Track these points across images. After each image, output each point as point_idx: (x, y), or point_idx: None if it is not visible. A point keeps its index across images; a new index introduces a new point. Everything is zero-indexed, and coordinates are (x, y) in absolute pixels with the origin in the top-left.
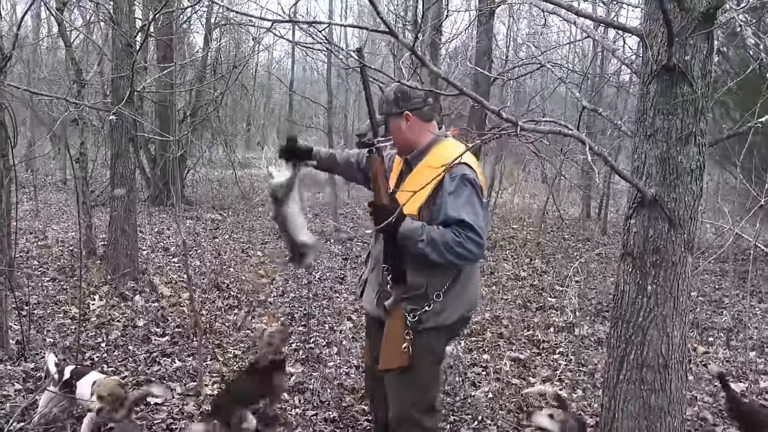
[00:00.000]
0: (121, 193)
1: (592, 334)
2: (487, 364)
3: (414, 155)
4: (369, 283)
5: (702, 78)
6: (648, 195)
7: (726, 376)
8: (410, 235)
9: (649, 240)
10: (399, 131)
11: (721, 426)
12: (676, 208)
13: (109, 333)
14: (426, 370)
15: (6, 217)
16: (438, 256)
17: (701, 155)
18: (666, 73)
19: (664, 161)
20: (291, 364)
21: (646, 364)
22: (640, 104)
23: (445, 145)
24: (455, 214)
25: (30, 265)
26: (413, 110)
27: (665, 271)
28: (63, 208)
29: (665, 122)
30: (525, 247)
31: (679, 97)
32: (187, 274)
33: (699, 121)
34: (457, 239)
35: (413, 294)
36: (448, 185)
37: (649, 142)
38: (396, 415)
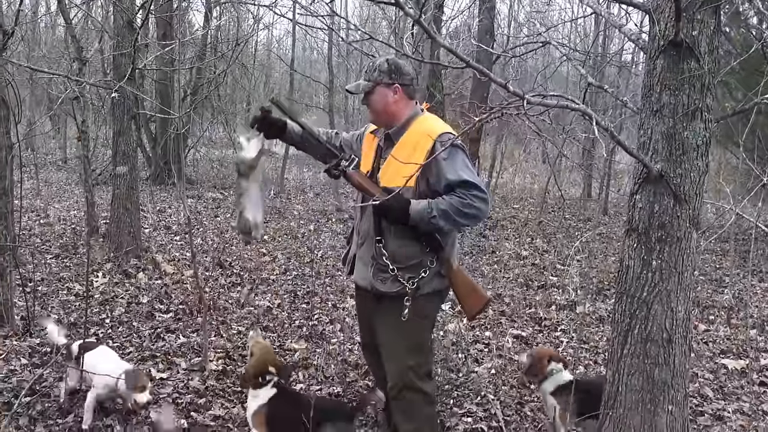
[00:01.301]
0: (124, 171)
1: (594, 311)
2: (489, 341)
3: (395, 130)
4: (359, 258)
5: (709, 53)
6: (654, 170)
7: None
8: (422, 216)
9: (655, 215)
10: (385, 101)
11: (722, 402)
12: (682, 183)
13: (113, 309)
14: (422, 334)
15: (9, 195)
16: (452, 224)
17: (707, 131)
18: (673, 49)
19: (670, 137)
20: (295, 341)
21: (650, 339)
22: (647, 80)
23: (424, 118)
24: (455, 176)
25: (33, 242)
26: (403, 85)
27: (670, 246)
28: (64, 187)
29: (672, 98)
30: (526, 226)
31: (686, 72)
32: (191, 251)
33: (705, 97)
34: (464, 201)
35: (410, 264)
36: (441, 153)
37: (655, 118)
38: (395, 383)
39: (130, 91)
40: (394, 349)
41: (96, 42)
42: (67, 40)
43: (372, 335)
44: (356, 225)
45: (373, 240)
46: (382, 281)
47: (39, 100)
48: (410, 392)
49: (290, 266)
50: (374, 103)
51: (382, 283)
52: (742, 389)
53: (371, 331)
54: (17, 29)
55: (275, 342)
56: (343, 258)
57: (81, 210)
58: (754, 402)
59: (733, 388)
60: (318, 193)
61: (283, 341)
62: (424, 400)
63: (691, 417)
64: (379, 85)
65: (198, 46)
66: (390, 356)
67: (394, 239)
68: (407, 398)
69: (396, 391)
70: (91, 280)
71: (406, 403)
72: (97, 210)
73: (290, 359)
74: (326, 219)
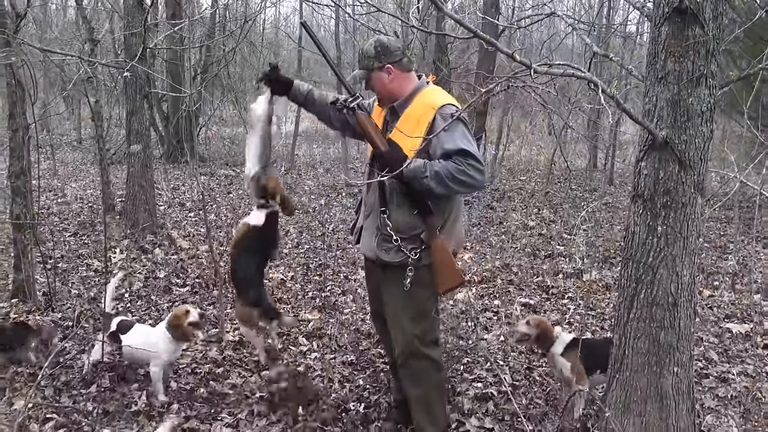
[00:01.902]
0: (138, 149)
1: (600, 279)
2: (498, 309)
3: (399, 103)
4: (366, 229)
5: (713, 20)
6: (659, 137)
7: None
8: (415, 174)
9: (660, 182)
10: (383, 84)
11: (726, 365)
12: (687, 149)
13: (131, 285)
14: (426, 303)
15: (27, 175)
16: (444, 188)
17: (712, 97)
18: (677, 16)
19: (675, 104)
20: (309, 312)
21: (656, 303)
22: (652, 47)
23: (428, 91)
24: (453, 146)
25: (51, 221)
26: (394, 63)
27: (675, 212)
28: (80, 167)
29: (676, 65)
30: (533, 197)
31: (691, 39)
32: (206, 226)
33: (710, 63)
34: (459, 167)
35: (412, 234)
36: (440, 124)
37: (660, 85)
38: (402, 350)
39: (142, 70)
40: (400, 317)
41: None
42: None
43: (380, 304)
44: (363, 197)
45: (378, 210)
46: (386, 251)
47: (53, 82)
48: (417, 359)
49: (302, 240)
50: (373, 87)
51: (386, 253)
52: (746, 352)
53: (380, 301)
54: (29, 11)
55: (289, 313)
56: (351, 228)
57: (97, 188)
58: (757, 364)
59: (737, 352)
60: (328, 169)
61: (297, 312)
62: (431, 367)
63: (696, 379)
64: (372, 71)
65: (207, 25)
66: (396, 325)
67: (397, 209)
68: (414, 365)
69: (403, 358)
70: (109, 256)
71: (413, 370)
72: (113, 188)
73: (305, 329)
74: (336, 194)
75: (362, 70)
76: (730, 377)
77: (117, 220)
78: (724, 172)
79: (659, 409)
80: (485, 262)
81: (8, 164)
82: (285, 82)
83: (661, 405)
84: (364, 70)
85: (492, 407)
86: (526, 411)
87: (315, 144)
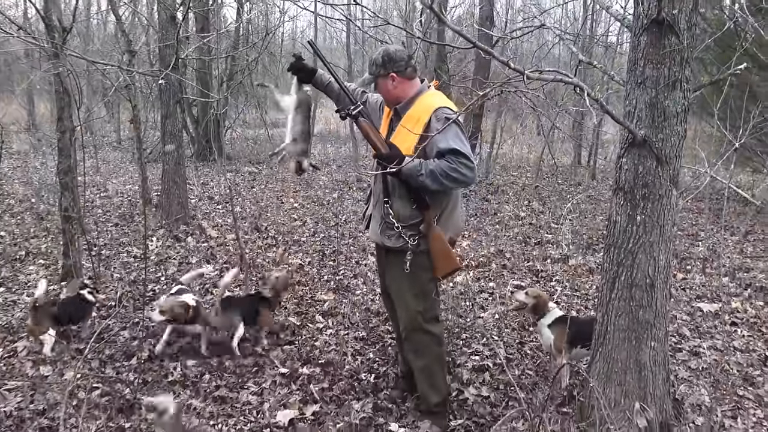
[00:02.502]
0: (172, 149)
1: (584, 263)
2: (493, 290)
3: (402, 105)
4: (373, 217)
5: (688, 30)
6: (638, 136)
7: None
8: (411, 172)
9: (639, 176)
10: (387, 89)
11: (697, 341)
12: (663, 147)
13: (167, 269)
14: (426, 284)
15: (73, 172)
16: (438, 184)
17: (686, 100)
18: (655, 26)
19: (653, 106)
20: (324, 293)
21: (635, 284)
22: (632, 55)
23: (428, 95)
24: (446, 145)
25: (95, 213)
26: (398, 71)
27: (653, 203)
28: (119, 165)
29: (654, 71)
30: (524, 191)
31: (667, 47)
32: (233, 217)
33: (684, 69)
34: (451, 165)
35: (411, 222)
36: (435, 125)
37: (639, 89)
38: (406, 326)
39: (175, 78)
40: (403, 296)
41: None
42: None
43: (386, 285)
44: (372, 188)
45: (382, 201)
46: (388, 237)
47: (95, 89)
48: (419, 334)
49: (318, 229)
50: (380, 92)
51: (389, 239)
52: (715, 329)
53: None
54: (74, 26)
55: (306, 295)
56: (363, 215)
57: (135, 184)
58: (725, 340)
59: (707, 328)
60: (340, 166)
61: (313, 293)
62: (432, 341)
63: (671, 353)
64: (378, 77)
65: (232, 38)
66: (400, 303)
67: (399, 200)
68: (417, 339)
69: (407, 333)
70: (147, 243)
71: (416, 344)
72: (150, 184)
73: (321, 309)
74: (348, 188)
75: (370, 75)
76: (701, 351)
77: (153, 212)
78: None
79: (638, 379)
80: (481, 248)
81: (57, 162)
82: (309, 70)
83: (639, 375)
84: (372, 76)
85: (488, 377)
86: (519, 381)
87: (329, 144)
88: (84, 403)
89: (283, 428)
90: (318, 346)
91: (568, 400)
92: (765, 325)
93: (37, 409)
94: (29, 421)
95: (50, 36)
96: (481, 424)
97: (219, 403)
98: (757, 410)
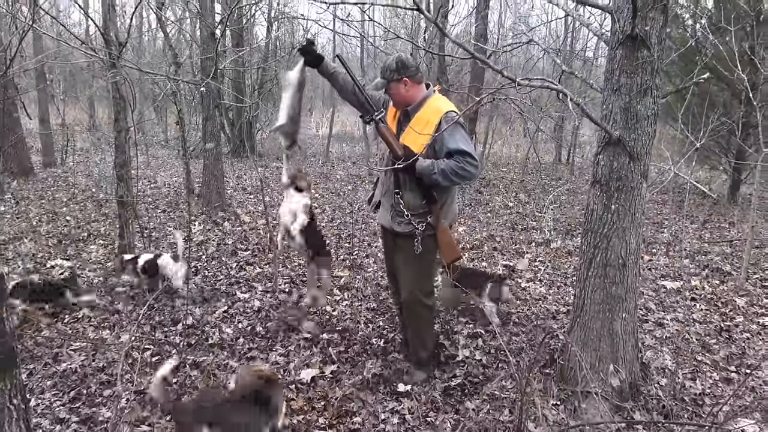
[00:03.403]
0: (211, 146)
1: (564, 247)
2: (485, 269)
3: (412, 108)
4: (382, 205)
5: (658, 44)
6: (614, 136)
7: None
8: (426, 171)
9: (614, 170)
10: (399, 92)
11: (662, 313)
12: (635, 145)
13: (207, 249)
14: (429, 264)
15: (128, 166)
16: (448, 181)
17: (655, 105)
18: (629, 41)
19: (627, 110)
20: (341, 270)
21: (609, 264)
22: (609, 66)
23: (435, 98)
24: (455, 146)
25: (146, 201)
26: (410, 76)
27: (625, 194)
28: (166, 160)
29: (628, 79)
30: (512, 184)
31: (640, 59)
32: (264, 205)
33: (655, 78)
34: (459, 164)
35: (419, 212)
36: (444, 126)
37: (615, 95)
38: (407, 298)
39: (214, 86)
40: (407, 274)
41: (187, 50)
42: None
43: (392, 263)
44: (381, 178)
45: (393, 192)
46: (398, 224)
47: (146, 96)
48: (418, 306)
49: (335, 216)
50: (391, 95)
51: (398, 225)
52: (677, 303)
53: (391, 260)
54: (129, 40)
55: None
56: (369, 199)
57: (180, 177)
58: (686, 313)
59: (670, 303)
60: (354, 162)
61: (332, 270)
62: (426, 311)
63: (639, 323)
64: (391, 81)
65: (262, 52)
66: (404, 279)
67: (409, 192)
68: (415, 310)
69: (407, 304)
70: (190, 227)
71: (414, 313)
72: (192, 177)
73: (338, 283)
74: (361, 181)
75: (383, 80)
76: (665, 322)
77: (195, 200)
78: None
79: (611, 345)
80: (475, 233)
81: (114, 157)
82: (318, 56)
83: (612, 342)
84: (385, 80)
85: (481, 343)
86: (508, 346)
87: (345, 143)
88: (137, 361)
89: (306, 384)
90: (335, 315)
91: (550, 363)
92: (720, 300)
93: (97, 366)
94: (91, 377)
95: (108, 49)
96: (475, 382)
97: (251, 363)
98: (713, 373)
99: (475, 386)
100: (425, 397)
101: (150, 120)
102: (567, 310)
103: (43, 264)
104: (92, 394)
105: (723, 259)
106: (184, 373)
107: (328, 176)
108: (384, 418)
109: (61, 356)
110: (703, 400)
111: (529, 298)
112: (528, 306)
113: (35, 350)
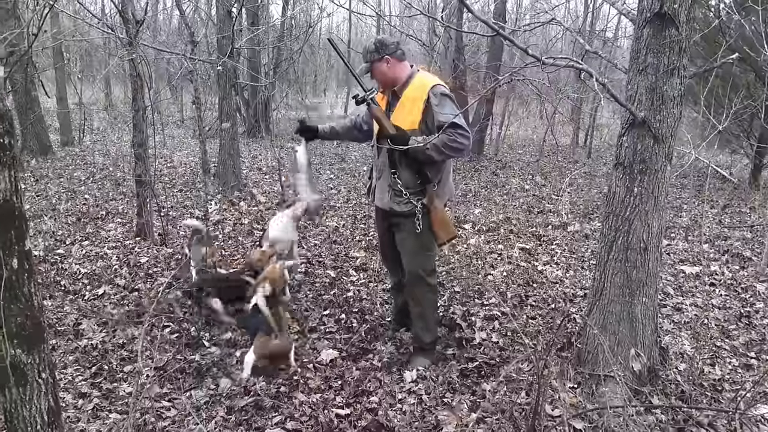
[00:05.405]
0: (227, 126)
1: (581, 230)
2: (501, 252)
3: (399, 87)
4: (378, 188)
5: (686, 23)
6: (638, 117)
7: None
8: (418, 148)
9: (637, 153)
10: (383, 72)
11: (680, 298)
12: (660, 127)
13: (224, 228)
14: (430, 242)
15: (145, 145)
16: (441, 155)
17: (682, 85)
18: (657, 19)
19: (653, 90)
20: (356, 251)
21: (631, 248)
22: (635, 45)
23: (420, 75)
24: (445, 119)
25: (163, 180)
26: (391, 54)
27: (649, 176)
28: (183, 140)
29: (655, 59)
30: (528, 167)
31: (667, 38)
32: (280, 185)
33: (682, 58)
34: (450, 137)
35: (417, 189)
36: (433, 100)
37: (640, 75)
38: (409, 278)
39: (230, 65)
40: (409, 253)
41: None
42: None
43: (386, 245)
44: (374, 162)
45: (389, 172)
46: (397, 203)
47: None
48: (421, 285)
49: (350, 197)
50: (376, 76)
51: (398, 205)
52: (695, 288)
53: (386, 242)
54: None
55: (341, 252)
56: (367, 190)
57: (196, 156)
58: (705, 298)
59: (689, 288)
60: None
61: (347, 251)
62: (429, 290)
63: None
64: (374, 62)
65: (278, 31)
66: (406, 259)
67: (405, 170)
68: (418, 290)
69: (410, 284)
70: (206, 207)
71: (416, 293)
72: (208, 156)
73: (354, 264)
74: None
75: (366, 63)
76: (684, 307)
77: (212, 180)
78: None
79: (630, 329)
80: (491, 215)
81: (132, 136)
82: (312, 129)
83: (631, 326)
84: (368, 63)
85: (497, 325)
86: (524, 329)
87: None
88: (157, 338)
89: (324, 364)
90: (351, 296)
91: (567, 346)
92: (740, 286)
93: (118, 343)
94: (112, 352)
95: (126, 27)
96: (492, 364)
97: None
98: (732, 359)
99: (491, 368)
100: (442, 378)
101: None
102: (584, 294)
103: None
104: (113, 369)
105: (743, 244)
106: (202, 351)
107: (343, 157)
108: (401, 398)
109: (83, 332)
110: (722, 386)
111: (546, 281)
112: (545, 289)
113: (57, 325)
